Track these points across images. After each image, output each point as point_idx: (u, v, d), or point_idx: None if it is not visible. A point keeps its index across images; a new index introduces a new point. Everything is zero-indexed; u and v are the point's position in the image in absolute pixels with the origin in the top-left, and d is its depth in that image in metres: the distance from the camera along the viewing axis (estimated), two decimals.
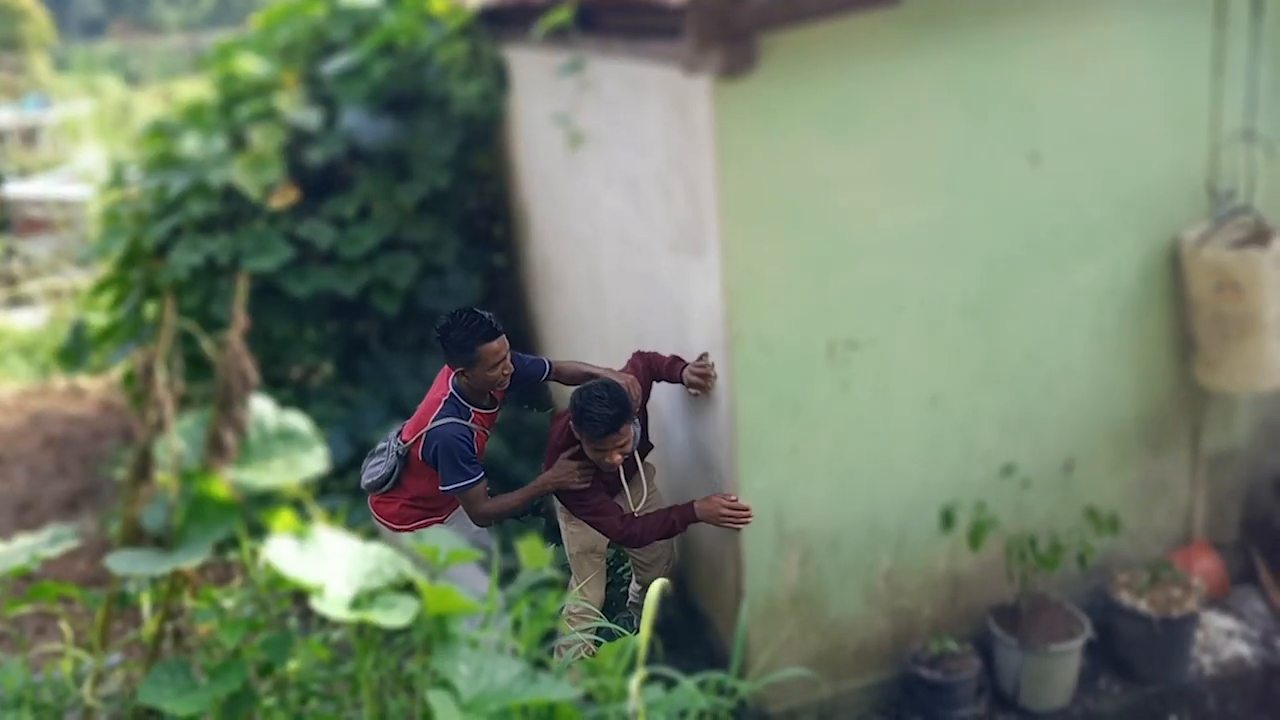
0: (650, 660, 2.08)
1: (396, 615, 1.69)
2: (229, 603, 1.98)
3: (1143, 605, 4.24)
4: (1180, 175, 4.15)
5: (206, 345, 1.78)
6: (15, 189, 14.94)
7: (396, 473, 3.94)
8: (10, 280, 12.94)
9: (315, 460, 1.75)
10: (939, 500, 4.13)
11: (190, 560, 1.63)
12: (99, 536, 6.28)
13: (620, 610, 4.51)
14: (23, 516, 6.88)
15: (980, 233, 3.93)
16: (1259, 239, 4.10)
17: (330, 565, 1.71)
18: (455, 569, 3.35)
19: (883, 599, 4.19)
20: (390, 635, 1.91)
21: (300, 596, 1.83)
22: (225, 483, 1.66)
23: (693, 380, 3.90)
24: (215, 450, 1.68)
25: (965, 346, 4.02)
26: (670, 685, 2.20)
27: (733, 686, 2.32)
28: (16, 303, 12.39)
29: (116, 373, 8.43)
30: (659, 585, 2.31)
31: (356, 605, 1.69)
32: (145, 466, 1.74)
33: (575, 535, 4.09)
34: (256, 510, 1.75)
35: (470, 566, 3.98)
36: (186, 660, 1.84)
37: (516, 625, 2.11)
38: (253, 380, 1.72)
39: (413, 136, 6.68)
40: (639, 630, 2.09)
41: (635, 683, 1.94)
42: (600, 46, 4.28)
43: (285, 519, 1.70)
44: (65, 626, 2.34)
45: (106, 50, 33.88)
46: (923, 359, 3.97)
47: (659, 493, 4.29)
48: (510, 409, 6.12)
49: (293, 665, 1.98)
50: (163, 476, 1.70)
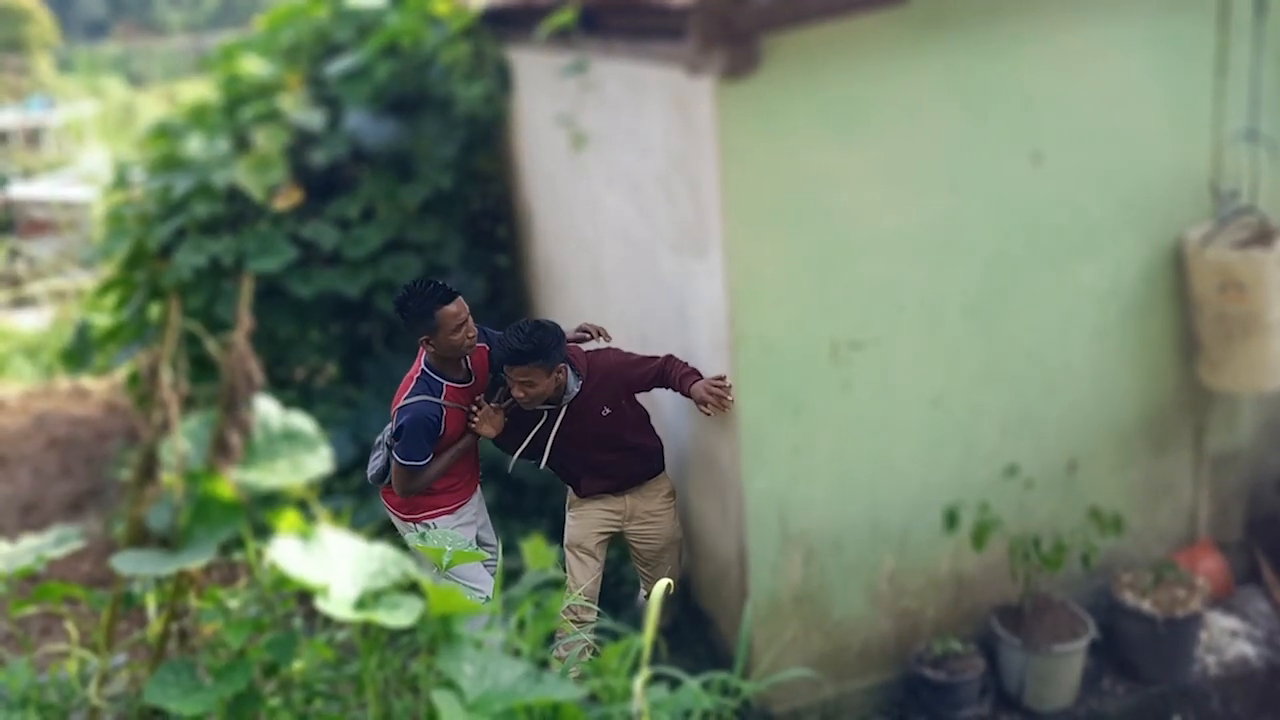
0: (654, 660, 2.08)
1: (401, 615, 1.70)
2: (234, 603, 1.99)
3: (1147, 605, 4.23)
4: (1183, 175, 4.15)
5: (211, 346, 1.79)
6: (19, 190, 14.98)
7: (391, 463, 4.00)
8: (14, 281, 12.96)
9: (320, 461, 1.75)
10: (942, 500, 4.13)
11: (195, 561, 1.63)
12: (104, 537, 6.29)
13: (615, 608, 4.52)
14: (27, 517, 6.89)
15: (982, 233, 3.93)
16: (1263, 239, 4.09)
17: (335, 565, 1.71)
18: (460, 569, 3.32)
19: (886, 599, 4.19)
20: (395, 635, 1.91)
21: (305, 597, 1.83)
22: (230, 483, 1.66)
23: (703, 397, 3.75)
24: (220, 451, 1.69)
25: (967, 346, 4.02)
26: (674, 685, 2.20)
27: (737, 687, 2.32)
28: (21, 304, 12.41)
29: (120, 374, 8.44)
30: (664, 585, 2.31)
31: (361, 605, 1.69)
32: (150, 467, 1.74)
33: (569, 528, 4.12)
34: (261, 511, 1.75)
35: (475, 566, 4.00)
36: (192, 660, 1.84)
37: (521, 625, 2.11)
38: (258, 381, 1.73)
39: (416, 137, 6.69)
40: (643, 630, 2.09)
41: (639, 683, 1.94)
42: (603, 47, 4.28)
43: (290, 519, 1.71)
44: (70, 627, 2.34)
45: (110, 51, 33.93)
46: (925, 359, 3.97)
47: (674, 509, 4.20)
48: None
49: (298, 665, 1.98)
50: (168, 477, 1.70)
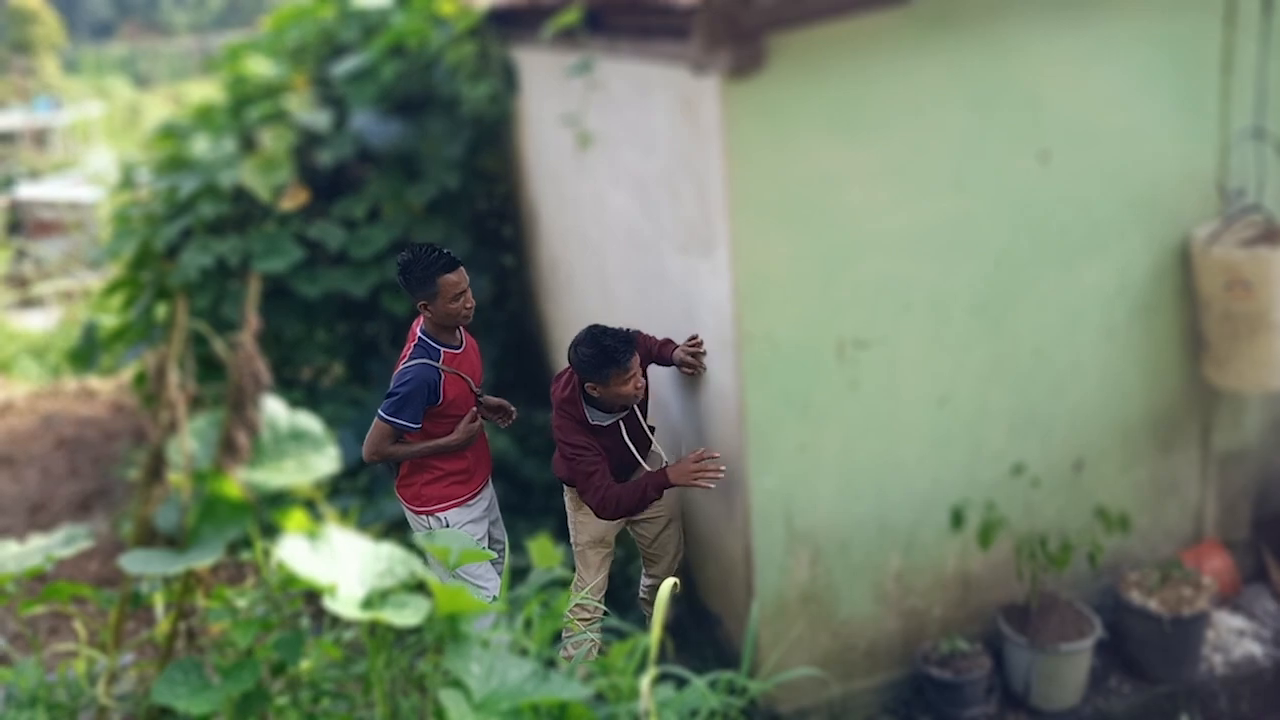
0: (661, 659, 2.08)
1: (408, 615, 1.70)
2: (242, 602, 1.99)
3: (1153, 604, 4.23)
4: (1190, 174, 4.14)
5: (218, 346, 1.79)
6: (26, 191, 15.01)
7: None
8: (22, 282, 12.99)
9: (327, 460, 1.75)
10: (948, 499, 4.13)
11: (203, 560, 1.64)
12: (111, 537, 6.30)
13: (624, 607, 4.52)
14: (35, 517, 6.91)
15: (989, 231, 3.93)
16: (1269, 237, 4.09)
17: (342, 565, 1.71)
18: (469, 567, 3.33)
19: (892, 598, 4.19)
20: (402, 635, 1.91)
21: (312, 596, 1.83)
22: (238, 483, 1.67)
23: (684, 359, 4.01)
24: (228, 451, 1.69)
25: (974, 345, 4.02)
26: (681, 684, 2.20)
27: (743, 686, 2.32)
28: (28, 305, 12.45)
29: (127, 374, 8.47)
30: (670, 584, 2.31)
31: (368, 605, 1.70)
32: (158, 467, 1.75)
33: (584, 525, 4.09)
34: (269, 510, 1.75)
35: (483, 564, 4.01)
36: (199, 660, 1.84)
37: (528, 624, 2.12)
38: (265, 381, 1.73)
39: (422, 138, 6.70)
40: (650, 628, 2.09)
41: (646, 682, 1.94)
42: (608, 47, 4.29)
43: (297, 519, 1.71)
44: (79, 626, 2.35)
45: (116, 52, 34.01)
46: (931, 358, 3.97)
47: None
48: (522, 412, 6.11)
49: (305, 665, 1.99)
50: (175, 477, 1.71)
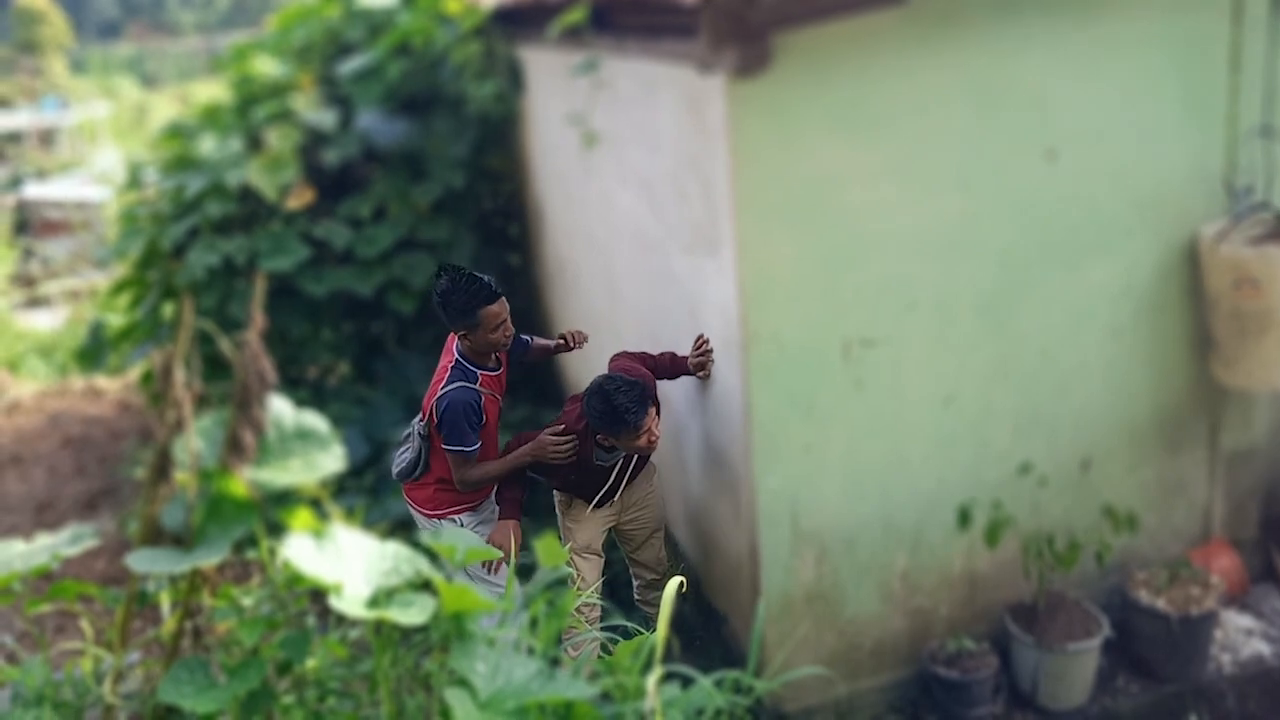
0: (667, 659, 2.08)
1: (414, 613, 1.70)
2: (248, 601, 1.99)
3: (1161, 604, 4.22)
4: (1197, 172, 4.13)
5: (224, 345, 1.79)
6: (33, 191, 15.05)
7: (423, 456, 4.00)
8: (29, 281, 13.03)
9: (333, 459, 1.76)
10: (955, 499, 4.12)
11: (209, 559, 1.64)
12: (118, 536, 6.32)
13: (629, 606, 4.52)
14: (42, 516, 6.93)
15: (995, 230, 3.92)
16: (1277, 235, 4.07)
17: (348, 564, 1.72)
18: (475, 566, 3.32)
19: (899, 598, 4.19)
20: (408, 633, 1.91)
21: (318, 595, 1.83)
22: (244, 482, 1.67)
23: (700, 363, 4.04)
24: (234, 449, 1.69)
25: (980, 344, 4.01)
26: (687, 684, 2.20)
27: (749, 685, 2.32)
28: (35, 304, 12.48)
29: (134, 373, 8.48)
30: (675, 583, 2.31)
31: (374, 603, 1.70)
32: (164, 466, 1.75)
33: (571, 531, 4.13)
34: (275, 509, 1.75)
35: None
36: (205, 658, 1.85)
37: (533, 623, 2.12)
38: (271, 380, 1.73)
39: (428, 137, 6.70)
40: (653, 628, 2.09)
41: (652, 681, 1.94)
42: (614, 46, 4.28)
43: (303, 518, 1.71)
44: (85, 625, 2.35)
45: (123, 52, 34.10)
46: (937, 357, 3.96)
47: (657, 492, 4.28)
48: (529, 407, 6.13)
49: (311, 663, 1.99)
50: (181, 476, 1.71)
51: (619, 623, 2.74)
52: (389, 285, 6.59)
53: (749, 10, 3.22)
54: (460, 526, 4.00)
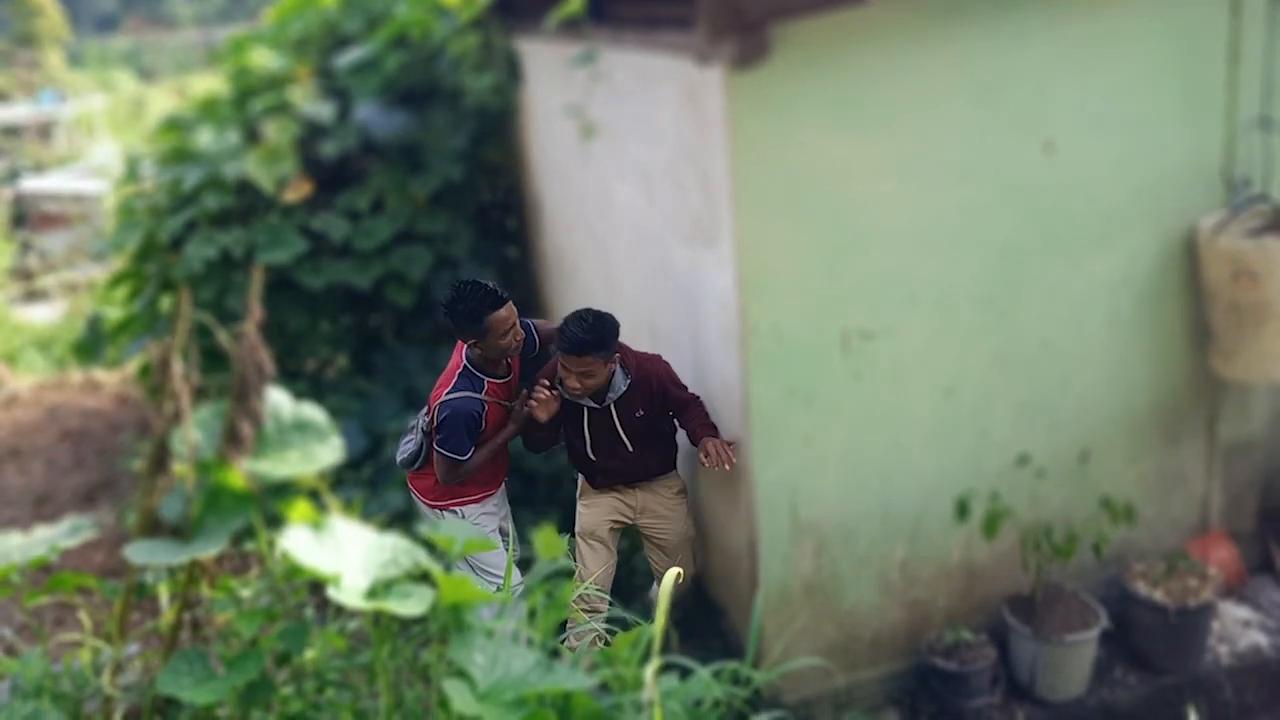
0: (665, 650, 2.08)
1: (412, 604, 1.70)
2: (246, 593, 1.99)
3: (1159, 595, 4.22)
4: (1196, 163, 4.13)
5: (222, 338, 1.79)
6: (31, 184, 15.02)
7: (424, 450, 4.04)
8: (26, 275, 13.01)
9: (331, 451, 1.75)
10: (953, 490, 4.12)
11: (207, 550, 1.64)
12: (116, 528, 6.32)
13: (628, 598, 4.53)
14: (41, 509, 6.93)
15: (995, 222, 3.92)
16: (1276, 227, 4.07)
17: (346, 555, 1.71)
18: (475, 556, 3.32)
19: (897, 589, 4.19)
20: (406, 625, 1.91)
21: (317, 586, 1.83)
22: (242, 473, 1.67)
23: (710, 451, 3.82)
24: (232, 441, 1.69)
25: (979, 336, 4.01)
26: (685, 675, 2.20)
27: (748, 676, 2.32)
28: (33, 297, 12.46)
29: (132, 366, 8.47)
30: (674, 573, 2.31)
31: (372, 595, 1.70)
32: (162, 458, 1.75)
33: (580, 516, 4.15)
34: (273, 501, 1.75)
35: (489, 555, 4.02)
36: (204, 650, 1.85)
37: (532, 614, 2.12)
38: (269, 371, 1.73)
39: (426, 129, 6.69)
40: (653, 619, 2.09)
41: (650, 672, 1.94)
42: (612, 37, 4.28)
43: (301, 509, 1.71)
44: (84, 617, 2.35)
45: (120, 45, 34.02)
46: (937, 348, 3.97)
47: (686, 505, 4.26)
48: None
49: (309, 655, 1.99)
50: (180, 468, 1.71)
51: (618, 614, 2.74)
52: (387, 278, 6.58)
53: (747, 2, 3.21)
54: (462, 520, 4.01)
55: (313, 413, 1.80)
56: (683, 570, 4.25)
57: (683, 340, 4.19)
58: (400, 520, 5.17)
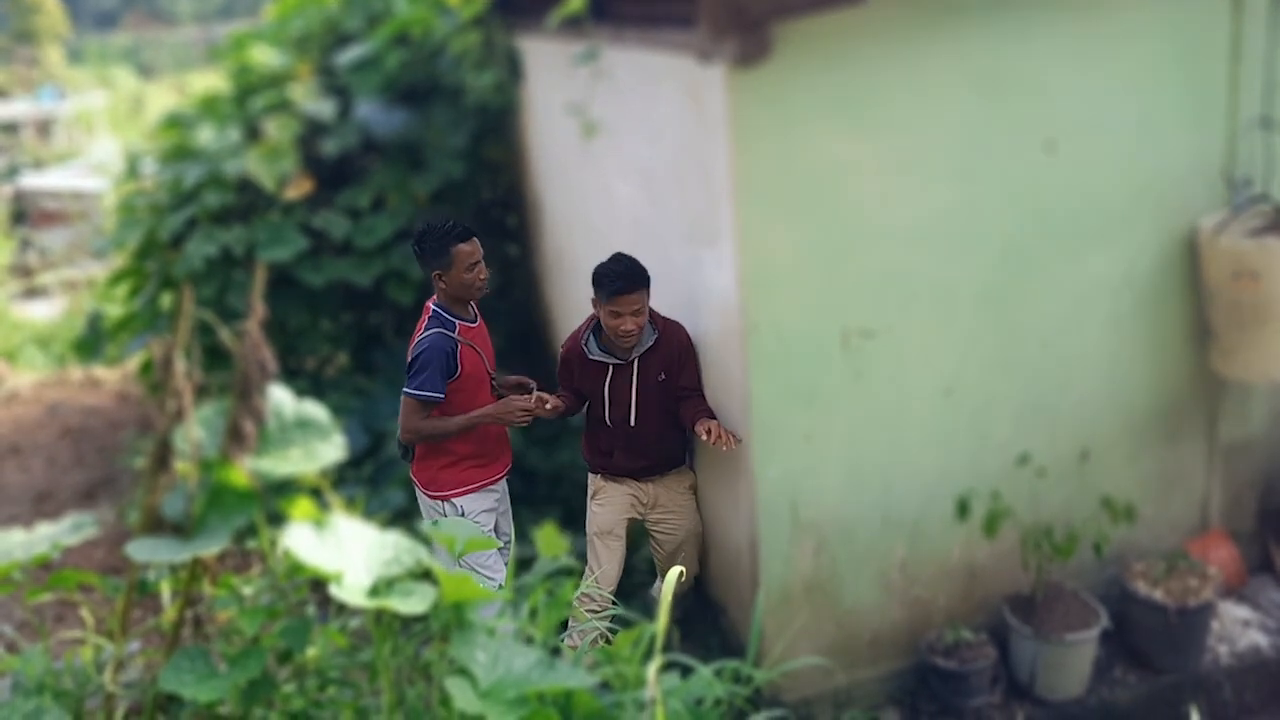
0: (667, 648, 2.08)
1: (414, 602, 1.70)
2: (248, 590, 1.99)
3: (1159, 595, 4.23)
4: (1197, 163, 4.13)
5: (224, 335, 1.79)
6: (31, 181, 15.02)
7: None
8: (26, 272, 13.01)
9: (333, 449, 1.75)
10: (954, 489, 4.12)
11: (209, 548, 1.64)
12: (117, 525, 6.32)
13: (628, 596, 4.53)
14: (42, 506, 6.93)
15: (995, 221, 3.92)
16: (1276, 227, 4.07)
17: (348, 553, 1.71)
18: (475, 555, 3.31)
19: (897, 588, 4.19)
20: (408, 623, 1.91)
21: (318, 584, 1.83)
22: (244, 471, 1.67)
23: (710, 428, 3.82)
24: (234, 439, 1.69)
25: (980, 335, 4.01)
26: (687, 673, 2.20)
27: (748, 675, 2.32)
28: (33, 294, 12.46)
29: (132, 363, 8.48)
30: (676, 572, 2.31)
31: (374, 593, 1.70)
32: (164, 455, 1.75)
33: (595, 514, 4.13)
34: (275, 498, 1.75)
35: (490, 553, 4.01)
36: (206, 647, 1.84)
37: (534, 613, 2.12)
38: (271, 369, 1.73)
39: (427, 127, 6.68)
40: (655, 618, 2.09)
41: (652, 670, 1.94)
42: (614, 35, 4.28)
43: (303, 507, 1.71)
44: (86, 614, 2.35)
45: (120, 42, 34.00)
46: (937, 347, 3.97)
47: (692, 500, 4.29)
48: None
49: (311, 652, 1.99)
50: (182, 465, 1.71)
51: (619, 612, 2.74)
52: (388, 276, 6.57)
53: (749, 0, 3.21)
54: (461, 514, 4.01)
55: (315, 411, 1.80)
56: (685, 569, 4.28)
57: None
58: (402, 518, 5.17)
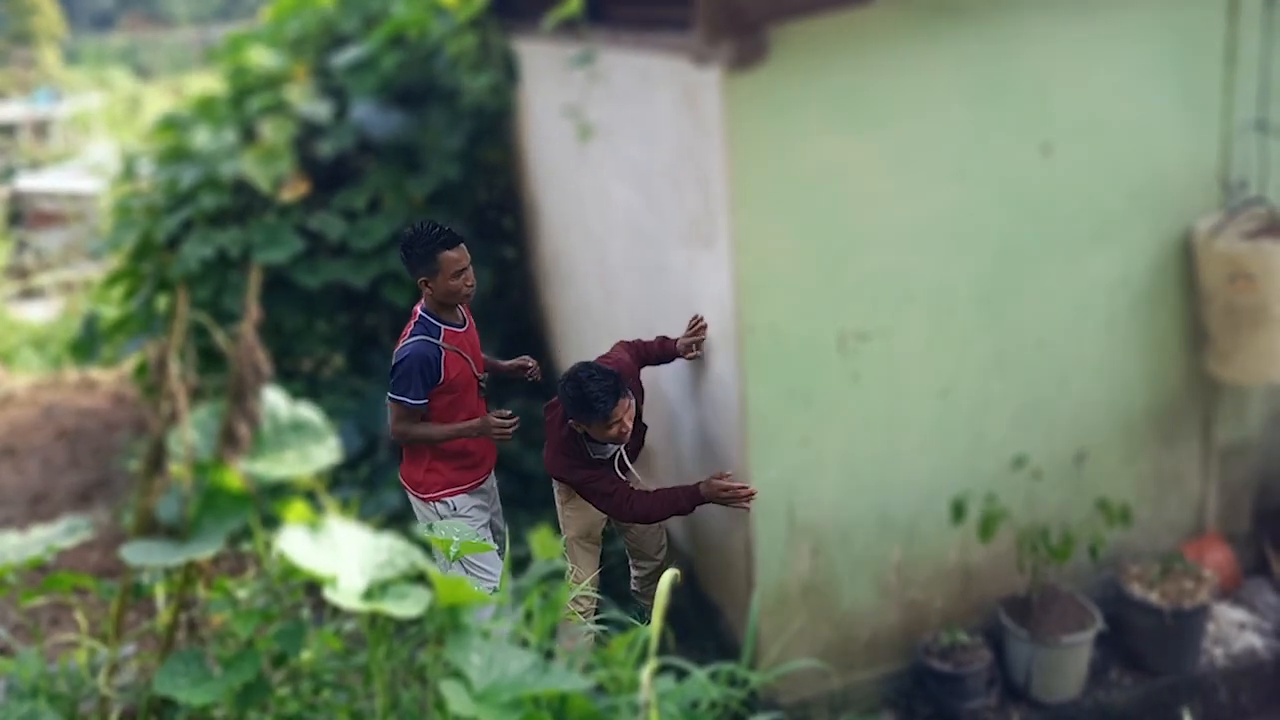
0: (662, 651, 2.08)
1: (409, 606, 1.70)
2: (243, 593, 1.99)
3: (1154, 597, 4.23)
4: (1193, 166, 4.14)
5: (219, 337, 1.79)
6: (27, 182, 15.01)
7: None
8: (22, 273, 12.99)
9: (327, 451, 1.75)
10: (950, 492, 4.12)
11: (204, 551, 1.63)
12: (112, 528, 6.31)
13: (624, 599, 4.53)
14: (36, 508, 6.92)
15: (992, 223, 3.92)
16: (1272, 230, 4.07)
17: (343, 556, 1.71)
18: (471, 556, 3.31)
19: (894, 590, 4.19)
20: (402, 626, 1.91)
21: (313, 587, 1.83)
22: (238, 474, 1.66)
23: (686, 344, 4.02)
24: (229, 442, 1.69)
25: (976, 337, 4.02)
26: (682, 676, 2.20)
27: (744, 677, 2.32)
28: (29, 296, 12.45)
29: (128, 365, 8.47)
30: (670, 575, 2.31)
31: (369, 596, 1.70)
32: (159, 458, 1.75)
33: (571, 519, 4.12)
34: (269, 501, 1.75)
35: (485, 555, 4.01)
36: (201, 651, 1.84)
37: (528, 616, 2.12)
38: (266, 372, 1.73)
39: (423, 129, 6.69)
40: (648, 620, 2.09)
41: (647, 673, 1.94)
42: (610, 38, 4.28)
43: (298, 510, 1.71)
44: (80, 617, 2.35)
45: (116, 44, 33.99)
46: (933, 350, 3.97)
47: (654, 478, 4.30)
48: (523, 399, 6.12)
49: (306, 656, 1.99)
50: (176, 468, 1.71)
51: (614, 615, 2.74)
52: (384, 277, 6.57)
53: (745, 3, 3.21)
54: (454, 511, 4.01)
55: (309, 413, 1.80)
56: (659, 547, 4.28)
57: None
58: (397, 521, 5.16)
